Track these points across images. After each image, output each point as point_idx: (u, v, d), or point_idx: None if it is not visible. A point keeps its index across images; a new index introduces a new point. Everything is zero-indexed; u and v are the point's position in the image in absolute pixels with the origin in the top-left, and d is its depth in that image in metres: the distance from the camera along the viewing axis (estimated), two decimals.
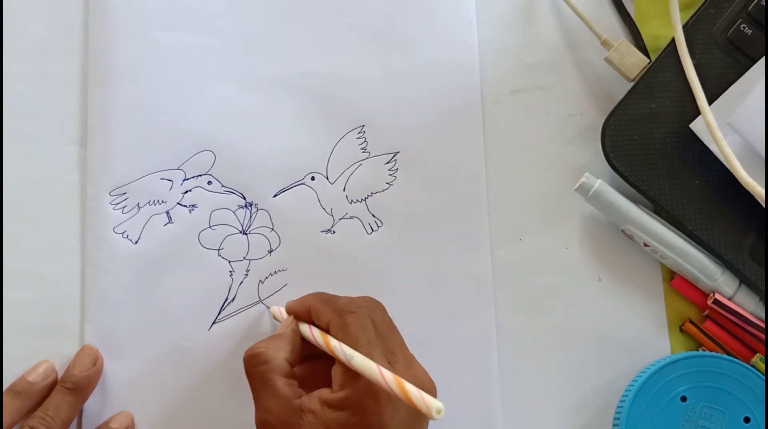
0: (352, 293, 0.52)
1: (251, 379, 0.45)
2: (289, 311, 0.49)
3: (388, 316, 0.47)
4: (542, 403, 0.53)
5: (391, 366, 0.44)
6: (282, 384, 0.44)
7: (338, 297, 0.48)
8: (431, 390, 0.45)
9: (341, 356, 0.43)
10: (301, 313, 0.48)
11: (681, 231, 0.53)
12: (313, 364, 0.48)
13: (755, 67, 0.52)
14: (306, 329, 0.47)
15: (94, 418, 0.51)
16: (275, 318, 0.51)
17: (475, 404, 0.53)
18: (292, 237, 0.54)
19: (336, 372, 0.44)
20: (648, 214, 0.53)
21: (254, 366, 0.45)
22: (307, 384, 0.46)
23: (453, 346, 0.53)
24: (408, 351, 0.46)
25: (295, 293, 0.53)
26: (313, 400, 0.43)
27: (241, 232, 0.53)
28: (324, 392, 0.44)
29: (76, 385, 0.50)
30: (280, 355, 0.45)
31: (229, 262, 0.53)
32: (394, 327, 0.47)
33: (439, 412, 0.40)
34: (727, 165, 0.49)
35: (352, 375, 0.43)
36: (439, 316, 0.53)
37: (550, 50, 0.56)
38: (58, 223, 0.53)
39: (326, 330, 0.46)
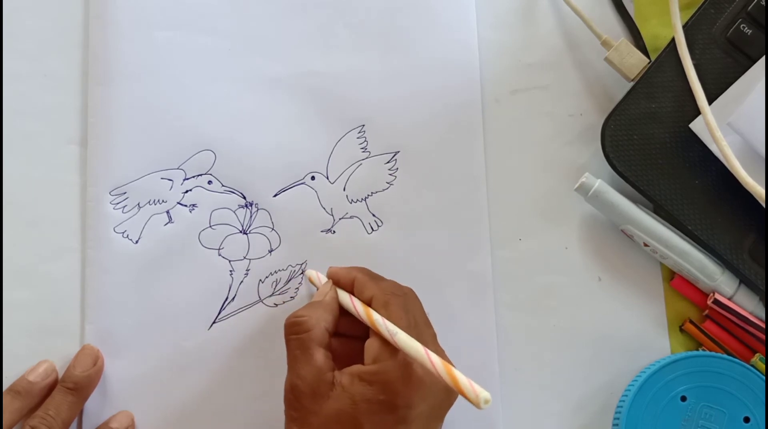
0: None
1: (290, 345, 0.46)
2: (330, 276, 0.49)
3: (425, 311, 0.48)
4: (542, 403, 0.53)
5: None
6: (320, 355, 0.45)
7: (384, 277, 0.49)
8: None
9: (383, 331, 0.43)
10: (345, 281, 0.48)
11: (681, 231, 0.53)
12: (344, 342, 0.48)
13: (755, 67, 0.52)
14: (346, 299, 0.47)
15: (95, 417, 0.51)
16: (311, 282, 0.51)
17: None
18: (293, 237, 0.54)
19: (371, 346, 0.45)
20: (648, 214, 0.53)
21: (295, 333, 0.45)
22: (336, 360, 0.46)
23: (453, 346, 0.52)
24: (440, 346, 0.47)
25: (296, 292, 0.53)
26: (344, 375, 0.44)
27: (241, 231, 0.53)
28: (356, 367, 0.44)
29: (76, 385, 0.50)
30: (321, 324, 0.46)
31: (230, 261, 0.53)
32: (429, 322, 0.47)
33: (486, 402, 0.39)
34: (727, 165, 0.49)
35: (388, 352, 0.43)
36: (439, 316, 0.53)
37: (550, 50, 0.56)
38: (58, 223, 0.53)
39: (368, 304, 0.46)
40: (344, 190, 0.54)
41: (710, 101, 0.51)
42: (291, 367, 0.45)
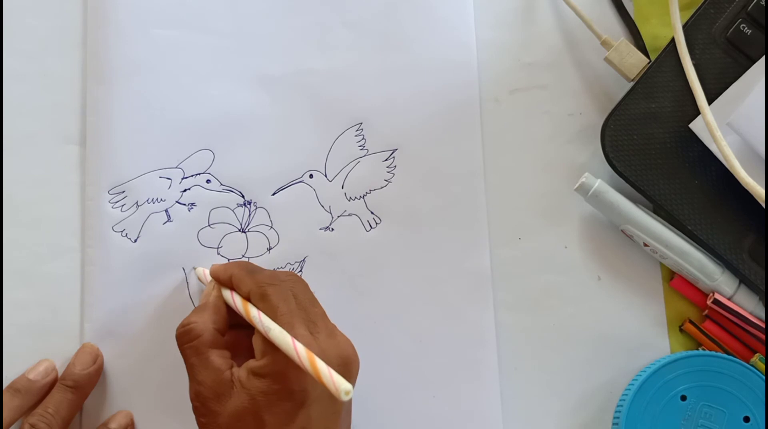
0: (352, 291, 0.53)
1: (184, 355, 0.46)
2: (212, 275, 0.50)
3: (310, 291, 0.48)
4: (542, 402, 0.53)
5: (312, 336, 0.44)
6: (215, 356, 0.45)
7: (262, 269, 0.49)
8: (353, 359, 0.46)
9: (259, 326, 0.44)
10: (224, 279, 0.49)
11: (681, 231, 0.53)
12: (241, 333, 0.48)
13: (755, 67, 0.52)
14: (228, 295, 0.48)
15: (94, 416, 0.51)
16: (199, 279, 0.52)
17: (475, 403, 0.52)
18: (291, 235, 0.54)
19: (257, 340, 0.45)
20: (648, 214, 0.53)
21: (186, 342, 0.46)
22: (238, 352, 0.47)
23: (452, 345, 0.53)
24: (330, 322, 0.47)
25: None
26: (242, 370, 0.45)
27: (240, 230, 0.54)
28: (250, 362, 0.45)
29: (76, 383, 0.50)
30: (209, 327, 0.46)
31: (228, 260, 0.53)
32: (316, 300, 0.47)
33: (347, 393, 0.40)
34: (726, 165, 0.49)
35: (273, 344, 0.44)
36: (439, 314, 0.53)
37: (550, 50, 0.56)
38: (58, 223, 0.53)
39: (247, 299, 0.47)
40: (342, 187, 0.54)
41: (710, 101, 0.51)
42: (191, 375, 0.46)
